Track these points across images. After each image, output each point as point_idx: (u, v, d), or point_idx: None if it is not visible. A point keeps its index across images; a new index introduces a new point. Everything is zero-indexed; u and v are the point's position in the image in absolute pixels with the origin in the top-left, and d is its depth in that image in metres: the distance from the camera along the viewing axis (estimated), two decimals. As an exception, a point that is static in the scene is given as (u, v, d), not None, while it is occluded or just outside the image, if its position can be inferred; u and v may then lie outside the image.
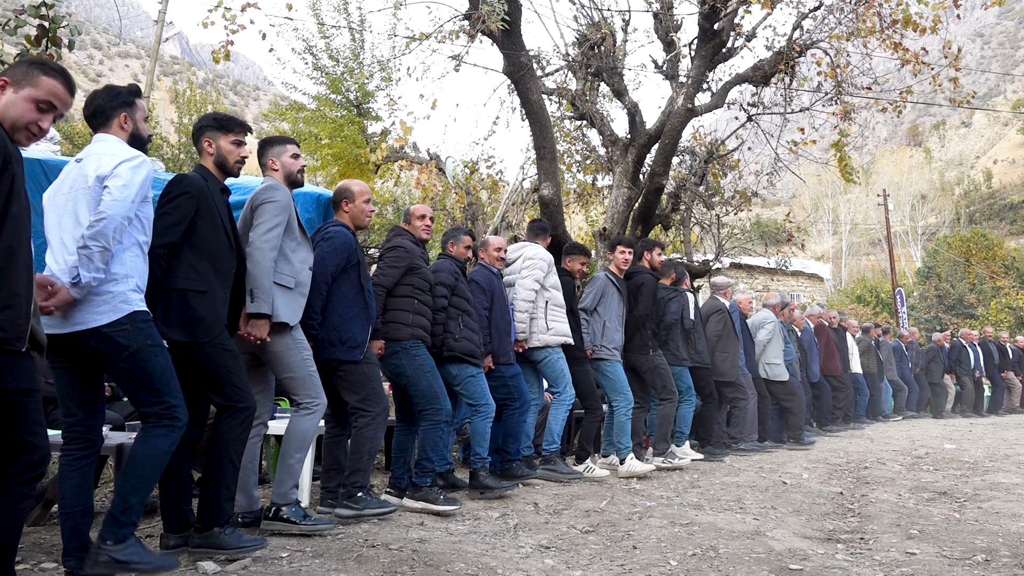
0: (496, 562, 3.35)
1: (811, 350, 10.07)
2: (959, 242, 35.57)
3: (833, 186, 53.82)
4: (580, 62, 9.71)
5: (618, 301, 6.39)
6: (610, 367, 6.28)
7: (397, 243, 4.68)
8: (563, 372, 5.80)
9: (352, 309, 4.08)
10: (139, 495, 2.85)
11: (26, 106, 2.41)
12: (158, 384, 2.85)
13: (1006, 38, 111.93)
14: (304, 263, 3.76)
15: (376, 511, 4.04)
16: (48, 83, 2.46)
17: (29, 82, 2.43)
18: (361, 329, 4.07)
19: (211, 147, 3.48)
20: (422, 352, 4.54)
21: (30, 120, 2.42)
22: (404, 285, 4.56)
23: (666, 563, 3.44)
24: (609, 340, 6.27)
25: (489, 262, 5.68)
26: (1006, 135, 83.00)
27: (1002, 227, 57.68)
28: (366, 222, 4.40)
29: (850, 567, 3.43)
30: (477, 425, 5.04)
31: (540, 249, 5.95)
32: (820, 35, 9.30)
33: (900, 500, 5.23)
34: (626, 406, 6.22)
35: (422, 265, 4.67)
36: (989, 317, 27.28)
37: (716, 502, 5.05)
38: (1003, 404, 14.51)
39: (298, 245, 3.73)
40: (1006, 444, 8.85)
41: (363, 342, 4.06)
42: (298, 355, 3.69)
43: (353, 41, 11.23)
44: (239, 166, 3.56)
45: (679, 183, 10.51)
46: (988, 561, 3.55)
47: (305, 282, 3.76)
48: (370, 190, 4.59)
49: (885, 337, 13.01)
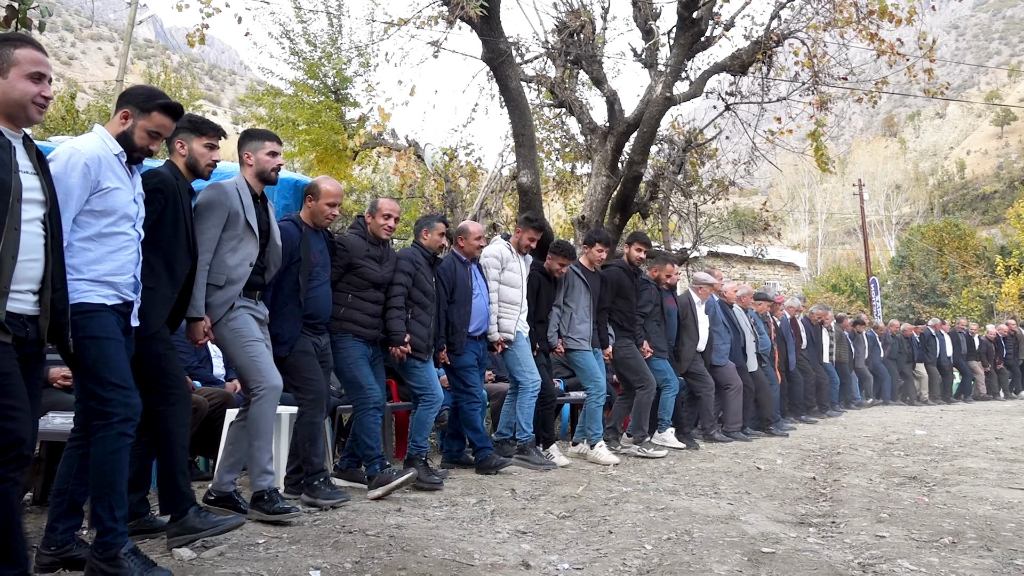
0: (473, 547, 3.37)
1: (788, 341, 10.18)
2: (932, 232, 36.14)
3: (810, 176, 54.32)
4: (559, 49, 9.68)
5: (585, 293, 6.46)
6: (579, 356, 6.39)
7: (343, 239, 4.72)
8: (519, 360, 5.88)
9: (286, 307, 4.16)
10: (100, 504, 2.76)
11: (23, 84, 2.43)
12: (91, 375, 2.79)
13: (980, 30, 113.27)
14: (246, 259, 3.75)
15: (327, 500, 4.15)
16: (26, 55, 2.46)
17: (10, 62, 2.43)
18: (291, 326, 4.18)
19: (183, 148, 3.47)
20: (348, 345, 4.63)
21: (34, 94, 2.45)
22: (341, 281, 4.65)
23: (641, 547, 3.48)
24: (575, 331, 6.37)
25: (468, 251, 5.68)
26: (979, 126, 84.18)
27: (974, 217, 58.61)
28: (324, 223, 4.45)
29: (821, 550, 3.49)
30: (420, 414, 5.07)
31: (494, 246, 6.05)
32: (798, 25, 9.36)
33: (871, 485, 5.32)
34: (597, 394, 6.32)
35: (363, 264, 4.69)
36: (961, 305, 27.76)
37: (691, 487, 5.11)
38: (971, 391, 14.91)
39: (240, 241, 3.72)
40: (975, 430, 9.03)
41: (292, 338, 4.19)
42: (235, 345, 3.73)
43: (331, 26, 11.13)
44: (210, 169, 3.54)
45: (657, 171, 10.54)
46: (955, 543, 3.63)
47: (240, 277, 3.75)
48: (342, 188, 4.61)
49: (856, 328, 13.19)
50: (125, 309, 2.94)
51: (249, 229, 3.76)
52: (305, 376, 4.24)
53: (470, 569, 3.02)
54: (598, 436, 6.28)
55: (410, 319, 4.99)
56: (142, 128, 2.99)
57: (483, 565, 3.10)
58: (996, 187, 64.79)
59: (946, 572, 3.14)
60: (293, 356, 4.21)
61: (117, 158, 2.92)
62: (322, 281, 4.44)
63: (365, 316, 4.72)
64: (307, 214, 4.41)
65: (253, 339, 3.79)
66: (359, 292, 4.70)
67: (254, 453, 3.79)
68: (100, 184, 2.82)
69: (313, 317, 4.37)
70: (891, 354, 13.94)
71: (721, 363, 8.11)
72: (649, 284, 7.21)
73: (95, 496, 2.78)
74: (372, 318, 4.76)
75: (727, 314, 8.54)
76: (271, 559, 3.04)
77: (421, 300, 5.06)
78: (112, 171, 2.88)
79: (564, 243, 6.51)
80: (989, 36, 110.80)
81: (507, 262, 5.99)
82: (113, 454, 2.78)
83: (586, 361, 6.37)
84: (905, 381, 14.11)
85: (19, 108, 2.44)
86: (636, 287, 6.96)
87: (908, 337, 14.41)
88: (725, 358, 8.18)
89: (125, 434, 2.80)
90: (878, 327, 14.55)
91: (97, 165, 2.81)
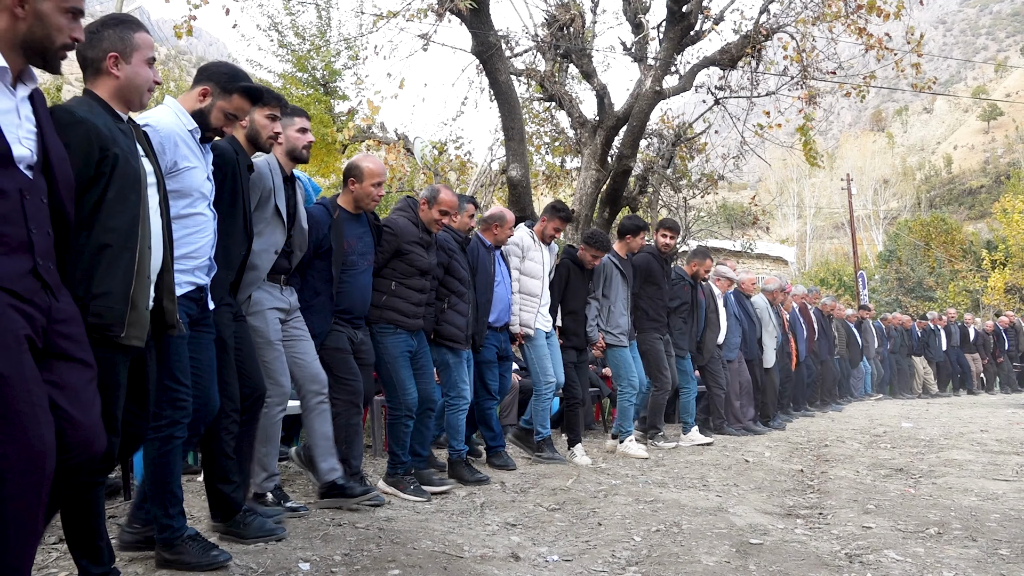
0: (463, 539, 3.38)
1: (798, 332, 9.98)
2: (919, 226, 36.34)
3: (798, 170, 54.52)
4: (549, 43, 9.68)
5: (623, 285, 6.25)
6: (612, 353, 6.22)
7: (391, 222, 4.37)
8: (535, 360, 5.65)
9: (317, 298, 3.88)
10: (155, 503, 2.76)
11: (144, 71, 2.43)
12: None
13: (967, 25, 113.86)
14: (271, 247, 3.48)
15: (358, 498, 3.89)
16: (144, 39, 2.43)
17: (133, 46, 2.40)
18: (321, 320, 3.88)
19: (244, 120, 3.24)
20: (388, 341, 4.28)
21: (151, 80, 2.45)
22: (387, 268, 4.32)
23: (630, 539, 3.49)
24: (614, 325, 6.17)
25: (499, 239, 5.35)
26: (966, 121, 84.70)
27: (961, 212, 59.03)
28: (370, 207, 4.12)
29: (808, 541, 3.51)
30: (448, 418, 4.88)
31: (515, 233, 5.65)
32: (786, 19, 9.41)
33: (858, 477, 5.36)
34: (630, 393, 6.19)
35: (411, 250, 4.34)
36: (947, 299, 27.94)
37: (680, 480, 5.14)
38: (972, 384, 14.82)
39: (266, 226, 3.45)
40: (961, 422, 9.11)
41: (321, 334, 3.89)
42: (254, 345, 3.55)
43: (319, 18, 11.09)
44: (271, 142, 3.36)
45: (647, 166, 10.56)
46: (940, 534, 3.67)
47: (263, 265, 3.50)
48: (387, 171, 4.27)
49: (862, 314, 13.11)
50: (197, 295, 2.82)
51: (277, 214, 3.50)
52: (338, 376, 3.95)
53: (460, 561, 3.03)
54: (628, 432, 6.25)
55: (446, 309, 4.72)
56: (220, 108, 2.89)
57: (473, 557, 3.11)
58: (983, 182, 65.29)
59: (932, 562, 3.17)
60: (325, 353, 3.91)
61: (191, 134, 2.80)
62: (360, 270, 4.07)
63: (408, 305, 4.33)
64: (348, 199, 4.08)
65: (266, 341, 3.53)
66: (404, 280, 4.32)
67: (261, 458, 3.63)
68: (177, 164, 2.71)
69: (348, 311, 4.04)
70: (894, 347, 13.90)
71: (731, 357, 8.01)
72: (683, 280, 7.09)
73: (151, 495, 2.77)
74: (416, 307, 4.37)
75: (743, 305, 8.40)
76: (260, 552, 3.03)
77: (458, 289, 4.75)
78: (188, 148, 2.77)
79: (599, 233, 6.19)
80: (976, 31, 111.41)
81: (528, 250, 5.67)
82: (161, 457, 2.74)
83: (623, 358, 6.20)
84: (903, 375, 14.07)
85: (138, 94, 2.40)
86: (667, 275, 6.77)
87: (908, 330, 14.32)
88: (735, 352, 8.08)
89: (174, 436, 2.73)
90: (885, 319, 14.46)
91: (173, 144, 2.70)
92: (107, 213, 2.19)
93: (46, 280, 1.93)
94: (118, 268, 2.19)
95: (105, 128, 2.24)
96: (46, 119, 2.03)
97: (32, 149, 1.93)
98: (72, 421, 1.90)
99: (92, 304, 2.13)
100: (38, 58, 1.97)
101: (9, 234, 1.84)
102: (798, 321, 10.09)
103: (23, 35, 1.91)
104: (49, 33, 1.94)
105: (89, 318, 2.11)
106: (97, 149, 2.19)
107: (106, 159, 2.20)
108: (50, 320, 1.94)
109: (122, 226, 2.22)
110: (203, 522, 3.40)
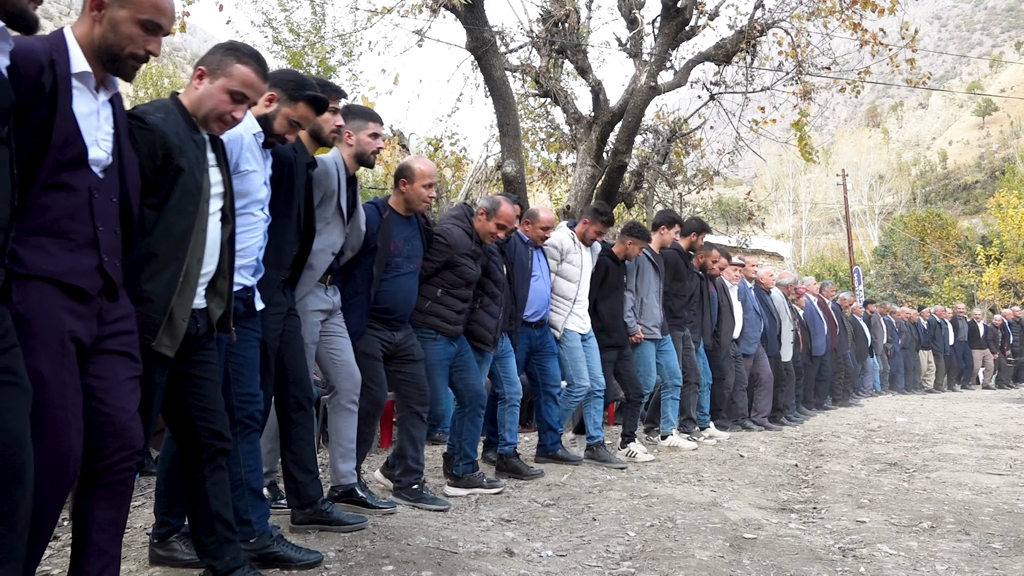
0: (457, 535, 3.38)
1: (816, 327, 9.80)
2: (915, 222, 36.42)
3: (794, 166, 54.54)
4: (544, 39, 9.66)
5: (655, 278, 6.20)
6: (638, 348, 6.10)
7: (445, 232, 4.29)
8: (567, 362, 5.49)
9: (355, 297, 3.80)
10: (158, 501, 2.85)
11: (221, 97, 2.39)
12: None
13: (963, 21, 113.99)
14: (329, 247, 3.45)
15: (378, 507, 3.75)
16: (241, 72, 2.41)
17: (223, 71, 2.40)
18: (356, 319, 3.79)
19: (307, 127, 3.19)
20: (428, 346, 4.20)
21: (224, 112, 2.40)
22: (436, 276, 4.24)
23: (624, 534, 3.50)
24: (648, 317, 6.09)
25: (532, 236, 5.22)
26: (961, 117, 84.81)
27: (956, 207, 59.14)
28: (422, 208, 4.04)
29: (802, 535, 3.52)
30: (499, 414, 4.85)
31: (556, 234, 5.55)
32: (781, 14, 9.39)
33: (852, 471, 5.38)
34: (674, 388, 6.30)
35: (463, 263, 4.29)
36: (942, 295, 28.03)
37: (675, 475, 5.15)
38: (980, 379, 14.71)
39: (326, 225, 3.41)
40: (955, 417, 9.14)
41: (355, 334, 3.79)
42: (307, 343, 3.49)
43: (314, 14, 11.10)
44: (335, 136, 3.34)
45: (642, 161, 10.57)
46: (934, 528, 3.68)
47: (319, 265, 3.43)
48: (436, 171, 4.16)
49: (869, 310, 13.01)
50: (244, 294, 2.79)
51: (339, 213, 3.45)
52: (367, 375, 3.82)
53: (454, 557, 3.03)
54: (670, 425, 6.34)
55: (477, 309, 4.64)
56: (285, 116, 2.87)
57: (467, 552, 3.11)
58: (977, 177, 65.39)
59: (925, 556, 3.18)
60: (355, 356, 3.79)
61: (255, 138, 2.80)
62: (404, 272, 3.98)
63: (452, 313, 4.29)
64: (399, 200, 3.99)
65: (330, 337, 3.57)
66: (451, 289, 4.27)
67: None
68: (239, 167, 2.71)
69: (388, 312, 3.93)
70: (905, 342, 13.74)
71: (750, 351, 7.92)
72: (692, 273, 7.03)
73: (161, 492, 2.83)
74: (458, 315, 4.34)
75: (763, 300, 8.33)
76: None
77: (492, 291, 4.67)
78: (251, 152, 2.77)
79: (638, 225, 6.05)
80: (971, 27, 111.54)
81: (567, 253, 5.56)
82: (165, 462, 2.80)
83: (641, 353, 6.12)
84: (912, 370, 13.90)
85: (205, 118, 2.40)
86: (690, 273, 6.80)
87: (915, 324, 14.14)
88: (755, 346, 7.98)
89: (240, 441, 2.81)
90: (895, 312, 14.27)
91: (239, 147, 2.70)
92: (163, 221, 2.23)
93: (111, 276, 2.01)
94: (162, 277, 2.23)
95: (175, 137, 2.27)
96: (123, 122, 2.11)
97: (108, 151, 2.01)
98: (110, 416, 1.98)
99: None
100: (110, 64, 2.01)
101: (76, 231, 1.91)
102: (816, 315, 9.84)
103: (98, 40, 1.97)
104: (119, 41, 1.98)
105: None
106: (161, 156, 2.23)
107: (169, 167, 2.24)
108: (105, 319, 2.01)
109: (174, 236, 2.26)
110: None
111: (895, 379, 13.42)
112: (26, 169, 1.80)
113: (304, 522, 3.31)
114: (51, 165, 1.84)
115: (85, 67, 1.94)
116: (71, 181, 1.89)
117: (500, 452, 4.94)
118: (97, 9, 1.97)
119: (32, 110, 1.81)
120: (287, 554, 2.80)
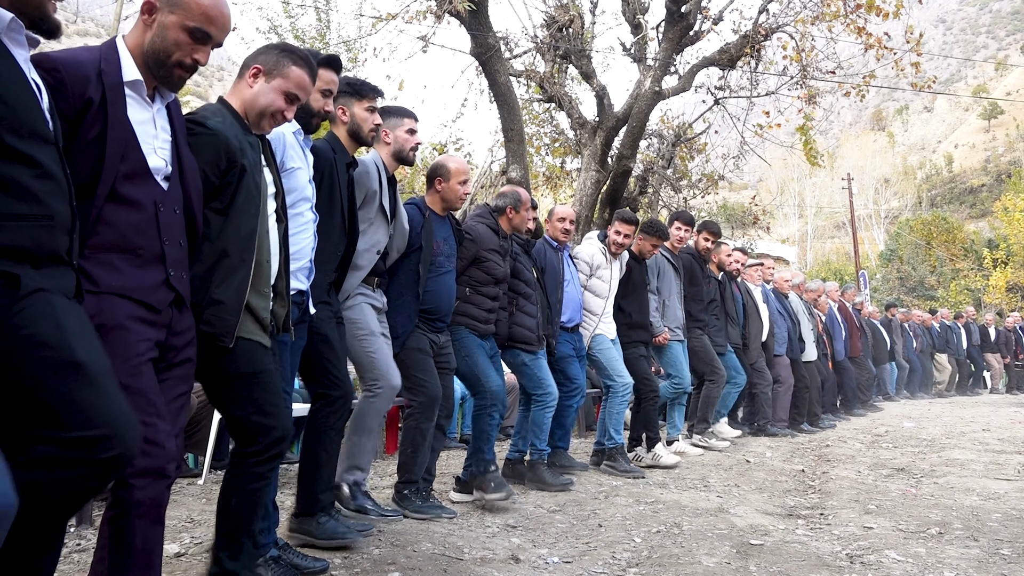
0: (463, 541, 3.37)
1: (836, 332, 9.73)
2: (920, 225, 36.34)
3: (799, 170, 54.48)
4: (548, 44, 9.69)
5: (675, 279, 6.23)
6: (667, 350, 6.13)
7: (472, 229, 4.32)
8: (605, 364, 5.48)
9: (402, 298, 3.78)
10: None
11: (275, 96, 2.40)
12: None
13: (967, 24, 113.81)
14: (374, 246, 3.46)
15: (416, 515, 3.74)
16: (297, 75, 2.43)
17: (279, 72, 2.41)
18: (405, 319, 3.77)
19: (345, 114, 3.24)
20: (462, 335, 4.22)
21: (276, 110, 2.41)
22: (464, 274, 4.26)
23: (631, 540, 3.49)
24: (672, 319, 6.12)
25: (552, 234, 5.23)
26: (967, 120, 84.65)
27: (962, 211, 58.97)
28: (459, 205, 4.06)
29: (809, 541, 3.51)
30: (535, 415, 4.80)
31: (587, 247, 5.62)
32: (786, 19, 9.41)
33: (859, 477, 5.35)
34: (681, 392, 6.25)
35: (489, 259, 4.30)
36: (948, 298, 27.94)
37: (681, 481, 5.13)
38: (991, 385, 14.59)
39: (370, 225, 3.42)
40: (962, 422, 9.09)
41: (404, 333, 3.76)
42: (352, 337, 3.43)
43: (319, 21, 11.10)
44: (373, 134, 3.34)
45: (647, 166, 10.57)
46: (941, 534, 3.66)
47: (366, 265, 3.44)
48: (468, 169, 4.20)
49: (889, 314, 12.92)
50: (298, 298, 2.76)
51: (382, 212, 3.46)
52: (416, 376, 3.78)
53: (460, 563, 3.02)
54: (677, 430, 6.32)
55: (515, 311, 4.67)
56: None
57: (473, 559, 3.10)
58: (983, 180, 65.20)
59: (933, 562, 3.16)
60: (405, 352, 3.77)
61: (295, 135, 2.80)
62: (444, 271, 3.96)
63: (481, 311, 4.30)
64: (435, 199, 3.99)
65: (370, 332, 3.47)
66: (479, 287, 4.29)
67: (352, 448, 3.55)
68: (285, 164, 2.69)
69: (433, 312, 3.91)
70: (922, 346, 13.60)
71: (780, 352, 7.91)
72: (709, 277, 7.01)
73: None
74: (488, 313, 4.34)
75: (782, 303, 8.31)
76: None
77: (524, 291, 4.70)
78: (294, 150, 2.76)
79: (656, 222, 6.05)
80: (976, 30, 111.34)
81: (598, 269, 5.55)
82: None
83: (668, 353, 6.15)
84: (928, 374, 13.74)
85: (258, 116, 2.40)
86: (706, 277, 6.81)
87: (928, 328, 14.03)
88: (784, 346, 7.98)
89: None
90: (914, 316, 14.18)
91: (282, 145, 2.69)
92: (230, 224, 2.23)
93: (179, 291, 2.01)
94: (234, 279, 2.23)
95: (235, 139, 2.28)
96: (181, 129, 2.09)
97: (167, 159, 2.00)
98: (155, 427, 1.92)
99: (205, 312, 2.17)
100: (157, 71, 1.98)
101: (143, 246, 1.91)
102: (836, 320, 9.76)
103: (147, 46, 1.95)
104: (167, 47, 1.95)
105: (201, 326, 2.15)
106: (225, 159, 2.23)
107: (233, 170, 2.25)
108: (174, 329, 2.01)
109: (242, 238, 2.26)
110: (203, 524, 3.40)
111: (911, 383, 13.29)
112: (89, 182, 1.80)
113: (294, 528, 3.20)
114: (112, 176, 1.83)
115: (136, 75, 1.92)
116: (136, 195, 1.89)
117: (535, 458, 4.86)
118: (148, 13, 1.95)
119: (84, 122, 1.80)
120: (294, 562, 2.79)
